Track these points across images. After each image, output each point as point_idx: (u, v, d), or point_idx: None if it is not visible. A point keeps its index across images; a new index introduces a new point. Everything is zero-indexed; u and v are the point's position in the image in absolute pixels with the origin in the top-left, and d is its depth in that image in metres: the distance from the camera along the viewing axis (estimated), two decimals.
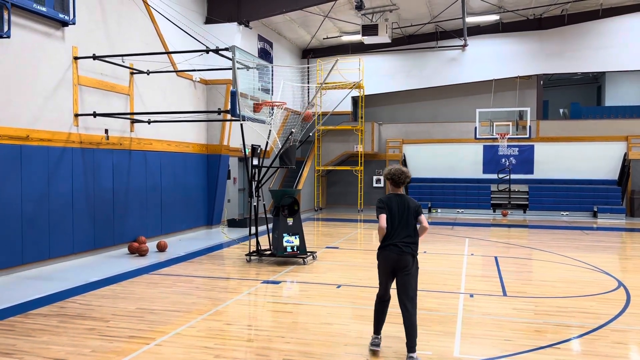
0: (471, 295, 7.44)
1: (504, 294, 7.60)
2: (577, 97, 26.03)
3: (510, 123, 20.33)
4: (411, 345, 4.88)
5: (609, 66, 20.70)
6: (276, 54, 19.71)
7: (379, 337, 5.23)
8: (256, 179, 10.52)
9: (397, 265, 4.99)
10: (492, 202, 20.90)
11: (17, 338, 5.54)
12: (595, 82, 26.49)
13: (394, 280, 5.10)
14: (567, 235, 14.36)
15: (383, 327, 5.26)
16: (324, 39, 21.82)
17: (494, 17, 20.50)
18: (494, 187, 21.08)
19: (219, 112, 11.02)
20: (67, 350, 5.17)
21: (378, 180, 22.47)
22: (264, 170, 10.58)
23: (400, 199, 5.16)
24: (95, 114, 10.42)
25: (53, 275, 8.74)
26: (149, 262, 10.03)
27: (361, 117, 21.12)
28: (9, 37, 8.32)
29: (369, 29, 17.61)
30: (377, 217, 5.08)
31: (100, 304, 6.93)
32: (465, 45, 21.57)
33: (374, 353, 5.10)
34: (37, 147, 9.24)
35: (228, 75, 13.08)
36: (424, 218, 5.08)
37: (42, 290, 7.63)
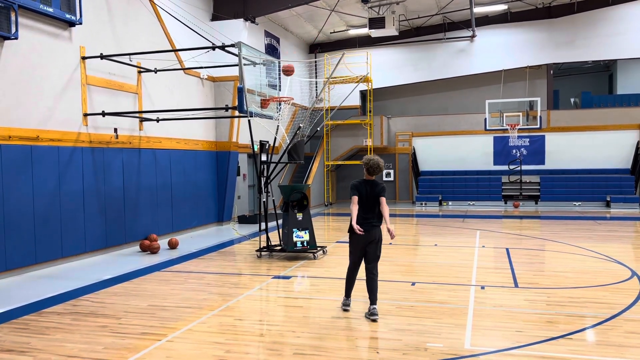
0: (482, 287, 7.40)
1: (516, 285, 7.55)
2: (588, 86, 25.70)
3: (521, 113, 20.16)
4: (373, 299, 5.97)
5: (621, 54, 20.41)
6: (283, 50, 19.68)
7: (350, 299, 6.34)
8: (265, 174, 10.53)
9: (367, 239, 6.02)
10: (503, 193, 20.76)
11: (31, 336, 5.60)
12: (606, 70, 26.14)
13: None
14: (579, 226, 14.23)
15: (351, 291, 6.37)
16: (331, 33, 21.75)
17: (502, 7, 20.31)
18: (505, 179, 20.93)
19: (226, 108, 11.04)
20: (80, 348, 5.22)
21: (388, 174, 22.40)
22: (272, 166, 10.58)
23: (370, 185, 6.18)
24: (104, 113, 10.49)
25: (66, 274, 8.82)
26: (161, 259, 10.09)
27: (370, 111, 21.05)
28: (16, 38, 8.40)
29: (376, 22, 17.53)
30: (350, 198, 6.14)
31: (112, 301, 6.99)
32: (473, 36, 21.40)
33: (345, 311, 6.18)
34: (48, 147, 9.32)
35: (235, 71, 13.09)
36: (383, 200, 6.10)
37: (55, 288, 7.71)
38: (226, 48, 10.12)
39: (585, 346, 5.10)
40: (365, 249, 6.12)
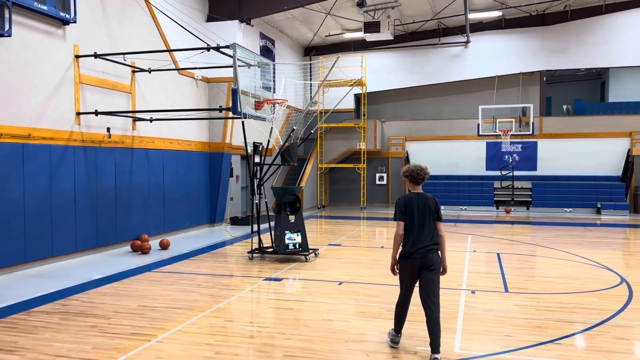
0: (473, 292, 7.43)
1: (506, 290, 7.58)
2: (581, 93, 25.91)
3: (514, 119, 20.26)
4: (435, 346, 4.80)
5: (613, 62, 20.60)
6: (278, 52, 19.70)
7: (399, 335, 5.22)
8: (258, 176, 10.52)
9: (422, 264, 4.89)
10: (495, 199, 20.85)
11: (19, 335, 5.56)
12: (599, 78, 26.36)
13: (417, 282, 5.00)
14: (570, 232, 14.31)
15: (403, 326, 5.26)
16: (326, 36, 21.80)
17: (496, 13, 20.44)
18: (497, 184, 21.03)
19: (220, 109, 11.03)
20: (68, 347, 5.19)
21: (381, 178, 22.46)
22: (266, 167, 10.58)
23: (420, 198, 5.05)
24: (97, 113, 10.45)
25: (55, 273, 8.77)
26: (152, 260, 10.05)
27: (364, 115, 21.10)
28: (10, 35, 8.35)
29: (371, 26, 17.58)
30: (396, 221, 4.98)
31: (102, 301, 6.95)
32: (467, 42, 21.52)
33: (393, 348, 5.16)
34: (39, 145, 9.26)
35: (230, 73, 13.04)
36: (441, 226, 5.07)
37: (44, 288, 7.65)
38: (221, 49, 10.12)
39: (573, 351, 5.13)
40: (418, 278, 4.97)
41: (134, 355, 4.99)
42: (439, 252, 4.99)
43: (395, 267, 5.07)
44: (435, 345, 4.78)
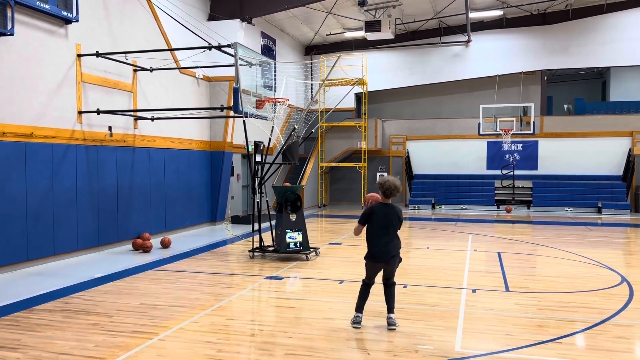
0: (474, 291, 7.44)
1: (507, 289, 7.60)
2: (582, 93, 25.90)
3: (514, 119, 20.26)
4: (390, 308, 5.76)
5: (614, 61, 20.60)
6: (279, 51, 19.71)
7: (361, 315, 5.82)
8: (259, 175, 10.54)
9: (385, 266, 5.73)
10: (495, 198, 20.87)
11: (21, 333, 5.58)
12: (600, 77, 26.35)
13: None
14: (571, 231, 14.32)
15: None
16: (327, 35, 21.81)
17: (497, 13, 20.44)
18: (497, 183, 21.04)
19: (221, 108, 11.04)
20: (71, 345, 5.21)
21: (382, 177, 22.44)
22: (267, 166, 10.60)
23: (388, 209, 5.71)
24: (98, 111, 10.47)
25: (57, 272, 8.80)
26: (153, 258, 10.08)
27: (364, 114, 21.10)
28: (12, 34, 8.37)
29: (372, 25, 17.59)
30: (358, 222, 5.76)
31: (104, 299, 6.97)
32: (468, 41, 21.52)
33: (357, 329, 5.69)
34: (41, 144, 9.29)
35: (231, 72, 13.06)
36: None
37: (46, 286, 7.68)
38: (222, 48, 10.13)
39: (574, 350, 5.14)
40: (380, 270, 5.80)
41: (136, 353, 5.01)
42: (398, 254, 5.78)
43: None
44: (390, 307, 5.78)
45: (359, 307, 5.81)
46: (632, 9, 19.92)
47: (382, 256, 5.66)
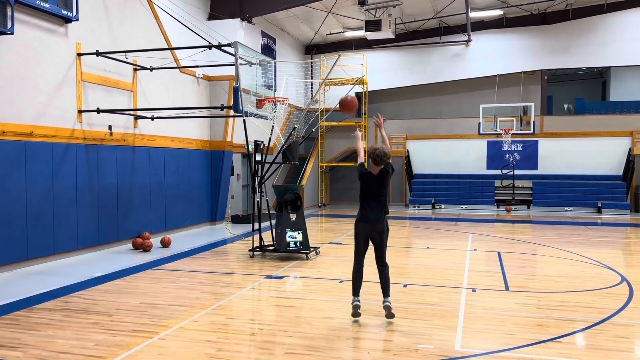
0: (473, 290, 7.45)
1: (507, 288, 7.60)
2: (582, 93, 25.90)
3: (514, 119, 20.25)
4: (386, 292, 5.93)
5: (614, 61, 20.58)
6: (279, 50, 19.70)
7: (358, 298, 6.00)
8: (259, 175, 10.54)
9: (372, 231, 5.95)
10: (495, 198, 20.86)
11: (22, 332, 5.58)
12: (600, 77, 26.34)
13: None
14: (571, 231, 14.33)
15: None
16: (327, 34, 21.80)
17: (497, 12, 20.43)
18: (497, 183, 21.04)
19: (222, 108, 11.05)
20: (71, 344, 5.21)
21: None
22: (267, 166, 10.60)
23: (376, 177, 5.96)
24: (98, 110, 10.47)
25: (57, 271, 8.80)
26: (153, 257, 10.08)
27: (365, 113, 21.10)
28: (12, 33, 8.37)
29: (372, 25, 17.58)
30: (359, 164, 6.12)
31: (104, 298, 6.98)
32: (469, 41, 21.51)
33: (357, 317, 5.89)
34: (41, 143, 9.29)
35: (231, 71, 13.07)
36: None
37: (46, 285, 7.68)
38: (222, 48, 10.13)
39: (574, 349, 5.14)
40: (368, 242, 6.08)
41: (136, 352, 5.01)
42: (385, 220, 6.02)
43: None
44: (386, 292, 5.96)
45: (355, 291, 6.05)
46: (632, 8, 19.91)
47: (370, 219, 5.93)
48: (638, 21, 19.86)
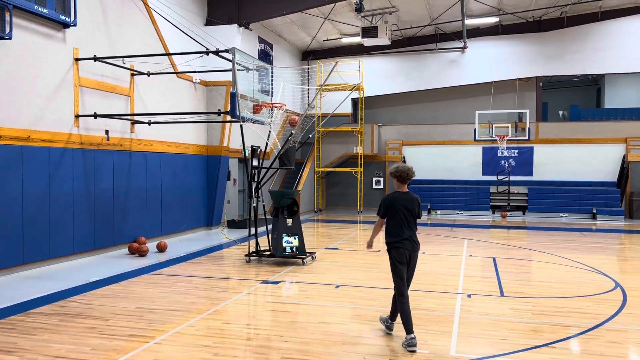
0: (469, 296, 7.48)
1: (502, 294, 7.64)
2: (577, 99, 26.09)
3: (510, 125, 20.34)
4: (410, 328, 5.26)
5: (608, 68, 20.74)
6: (276, 56, 19.77)
7: (414, 335, 5.22)
8: (256, 180, 10.57)
9: (410, 260, 5.43)
10: (491, 203, 20.93)
11: (18, 336, 5.59)
12: (594, 84, 26.55)
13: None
14: (565, 237, 14.40)
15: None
16: (324, 40, 21.89)
17: (493, 20, 20.57)
18: (493, 189, 21.12)
19: (219, 113, 11.08)
20: (67, 349, 5.22)
21: (378, 182, 22.53)
22: (263, 171, 10.63)
23: (406, 196, 5.55)
24: (95, 115, 10.49)
25: (53, 275, 8.79)
26: (149, 262, 10.07)
27: (361, 119, 21.18)
28: (10, 38, 8.37)
29: (369, 31, 17.66)
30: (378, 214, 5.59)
31: (100, 303, 6.98)
32: (464, 48, 21.64)
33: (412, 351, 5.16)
34: (38, 147, 9.29)
35: (228, 76, 13.14)
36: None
37: (42, 289, 7.67)
38: (220, 53, 10.18)
39: (568, 355, 5.19)
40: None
41: (132, 356, 5.02)
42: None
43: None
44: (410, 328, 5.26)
45: (408, 329, 5.25)
46: (626, 16, 20.09)
47: (407, 245, 5.37)
48: (632, 29, 20.04)
